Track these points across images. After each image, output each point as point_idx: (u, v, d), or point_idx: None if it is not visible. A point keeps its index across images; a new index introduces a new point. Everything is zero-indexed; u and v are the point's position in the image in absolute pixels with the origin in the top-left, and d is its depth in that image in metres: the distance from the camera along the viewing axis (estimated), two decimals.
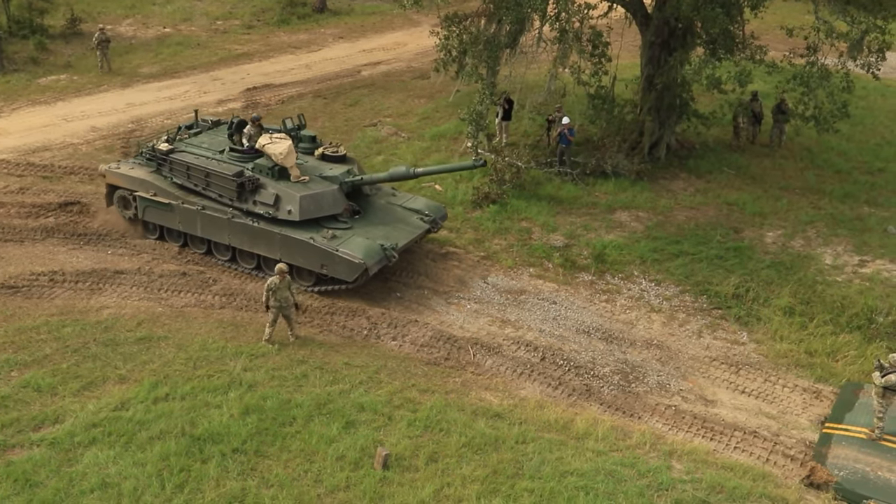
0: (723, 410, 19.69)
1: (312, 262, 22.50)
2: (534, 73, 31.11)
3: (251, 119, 24.66)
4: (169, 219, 24.29)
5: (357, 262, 21.79)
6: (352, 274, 22.01)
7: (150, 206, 24.34)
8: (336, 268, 22.17)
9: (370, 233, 22.92)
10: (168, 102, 35.57)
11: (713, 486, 16.55)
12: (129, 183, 24.82)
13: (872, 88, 36.77)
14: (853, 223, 27.64)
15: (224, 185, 23.18)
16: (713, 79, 27.23)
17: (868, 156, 32.21)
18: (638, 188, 29.03)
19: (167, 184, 24.30)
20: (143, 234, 25.17)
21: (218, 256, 24.21)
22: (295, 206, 22.53)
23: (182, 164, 23.93)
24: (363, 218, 23.71)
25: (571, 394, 19.85)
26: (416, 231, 23.83)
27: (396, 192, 25.35)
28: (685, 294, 23.86)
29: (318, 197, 22.84)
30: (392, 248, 22.44)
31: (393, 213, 24.28)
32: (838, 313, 22.81)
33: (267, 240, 22.88)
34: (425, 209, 24.55)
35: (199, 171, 23.62)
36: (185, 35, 45.22)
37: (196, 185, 23.80)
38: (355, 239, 22.45)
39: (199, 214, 23.64)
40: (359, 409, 17.92)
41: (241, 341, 20.33)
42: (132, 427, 16.90)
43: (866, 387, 19.83)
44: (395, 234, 23.22)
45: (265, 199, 22.83)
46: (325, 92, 37.56)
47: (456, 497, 15.73)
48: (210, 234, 23.85)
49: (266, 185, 22.93)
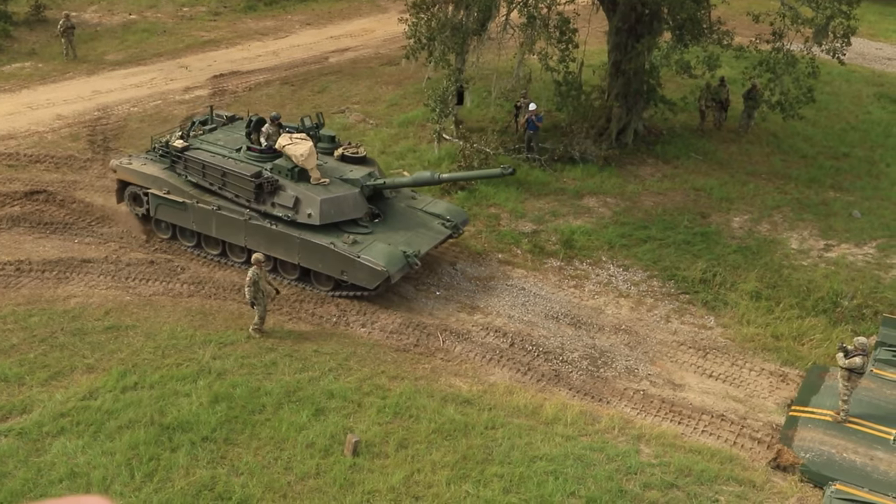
0: (690, 394, 19.86)
1: (332, 267, 21.75)
2: (502, 60, 31.12)
3: (270, 118, 23.67)
4: (182, 218, 23.47)
5: (379, 270, 21.09)
6: (373, 281, 21.33)
7: (163, 204, 23.52)
8: (357, 274, 21.42)
9: (391, 238, 22.17)
10: (134, 90, 35.28)
11: (681, 469, 16.72)
12: (141, 179, 23.97)
13: (837, 74, 37.09)
14: (819, 208, 27.90)
15: (241, 185, 22.33)
16: (683, 63, 27.31)
17: (833, 141, 32.50)
18: (606, 174, 29.13)
19: (181, 182, 23.43)
20: (155, 234, 24.45)
21: (233, 258, 23.39)
22: (315, 210, 21.73)
23: (197, 162, 22.99)
24: (383, 222, 22.94)
25: (540, 379, 19.95)
26: (439, 237, 23.07)
27: (417, 196, 24.47)
28: (653, 279, 24.00)
29: (339, 200, 22.06)
30: (415, 255, 21.74)
31: (414, 217, 23.45)
32: (804, 297, 23.04)
33: (285, 243, 22.10)
34: (447, 214, 23.70)
35: (216, 170, 22.71)
36: (151, 22, 44.83)
37: (212, 184, 22.89)
38: (377, 245, 21.72)
39: (215, 215, 22.81)
40: (328, 396, 17.95)
41: (210, 329, 20.28)
42: (101, 416, 16.85)
43: (832, 370, 20.05)
44: (417, 239, 22.44)
45: (284, 202, 22.01)
46: (292, 79, 37.38)
47: (426, 483, 15.80)
48: (225, 235, 23.03)
49: (285, 186, 22.08)
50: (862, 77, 39.38)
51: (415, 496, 15.53)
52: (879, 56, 43.88)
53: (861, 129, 33.60)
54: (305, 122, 24.44)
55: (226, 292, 22.16)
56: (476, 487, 15.75)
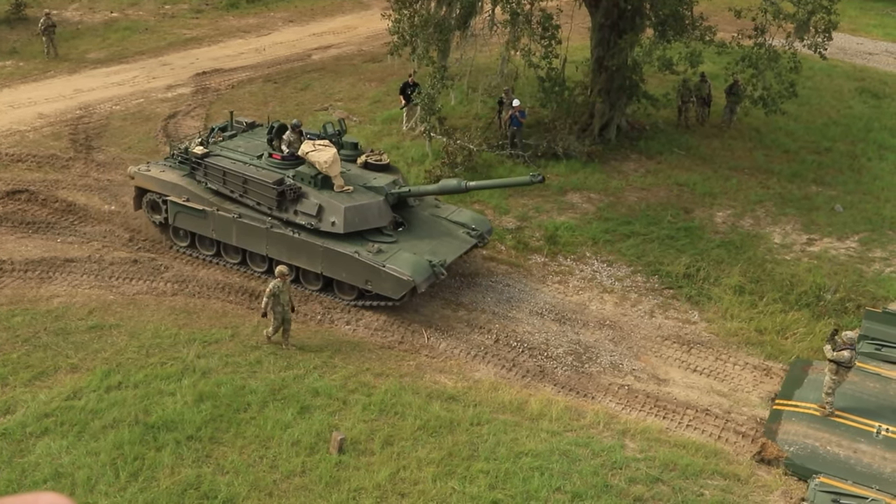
0: (675, 389, 19.92)
1: (356, 277, 21.28)
2: (485, 56, 31.12)
3: (291, 125, 23.04)
4: (202, 226, 23.00)
5: (405, 280, 20.62)
6: (399, 291, 20.87)
7: (182, 211, 23.06)
8: (382, 284, 20.94)
9: (416, 247, 21.73)
10: (116, 88, 35.14)
11: (666, 463, 16.78)
12: (160, 187, 23.49)
13: (819, 69, 37.20)
14: (801, 202, 28.02)
15: (263, 192, 21.88)
16: (665, 59, 27.38)
17: (815, 135, 32.64)
18: (589, 170, 29.20)
19: (201, 189, 22.95)
20: (173, 241, 23.98)
21: (253, 268, 22.98)
22: (339, 218, 21.27)
23: (218, 169, 22.53)
24: (407, 231, 22.49)
25: (525, 375, 19.98)
26: (464, 246, 22.58)
27: (440, 204, 24.06)
28: (637, 274, 24.06)
29: (363, 209, 21.58)
30: (441, 264, 21.27)
31: (438, 226, 23.00)
32: (787, 291, 23.14)
33: (308, 252, 21.67)
34: (471, 222, 23.22)
35: (237, 177, 22.27)
36: (133, 20, 44.66)
37: (232, 191, 22.46)
38: (402, 254, 21.28)
39: (235, 222, 22.35)
40: (313, 393, 17.94)
41: (194, 328, 20.24)
42: (85, 416, 16.79)
43: (815, 363, 20.16)
44: (443, 248, 21.96)
45: (307, 210, 21.55)
46: (275, 76, 37.30)
47: (412, 480, 15.81)
48: (246, 243, 22.57)
49: (308, 194, 21.64)
50: (843, 72, 39.55)
51: (401, 493, 15.53)
52: (860, 51, 44.08)
53: (843, 124, 33.75)
54: (328, 129, 23.92)
55: (210, 291, 22.11)
56: (462, 484, 15.76)
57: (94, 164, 28.29)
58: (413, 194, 22.73)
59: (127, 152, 29.26)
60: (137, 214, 25.21)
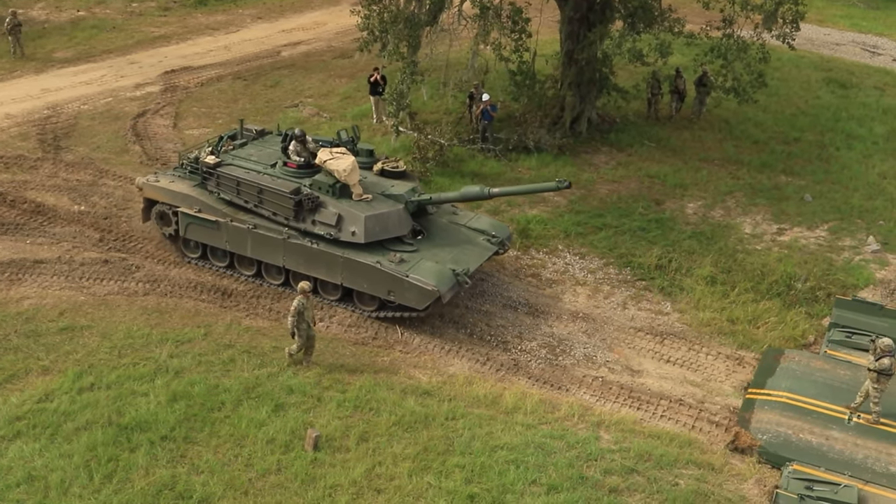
0: (649, 380, 20.00)
1: (378, 287, 20.75)
2: (455, 51, 31.11)
3: (294, 135, 22.28)
4: (215, 237, 22.44)
5: (430, 290, 20.11)
6: (423, 302, 20.36)
7: (194, 223, 22.49)
8: (405, 294, 20.43)
9: (437, 256, 21.20)
10: (84, 87, 34.88)
11: (641, 454, 16.84)
12: (170, 198, 22.91)
13: (787, 59, 37.52)
14: (771, 192, 28.21)
15: (279, 202, 21.35)
16: (635, 51, 27.44)
17: (784, 126, 32.86)
18: (560, 163, 29.27)
19: (213, 199, 22.42)
20: (184, 253, 23.40)
21: (269, 280, 22.47)
22: (360, 228, 20.80)
23: (231, 179, 21.96)
24: (427, 239, 21.96)
25: (500, 369, 20.01)
26: (486, 253, 22.05)
27: (458, 211, 23.44)
28: (609, 266, 24.13)
29: (383, 217, 21.08)
30: (464, 273, 20.75)
31: (457, 233, 22.43)
32: (758, 281, 23.29)
33: (327, 263, 21.14)
34: (491, 229, 22.68)
35: (251, 187, 21.68)
36: (100, 18, 44.35)
37: (247, 201, 21.89)
38: (425, 263, 20.77)
39: (250, 233, 21.81)
40: (288, 391, 17.89)
41: (167, 328, 20.13)
42: (57, 418, 16.67)
43: (787, 352, 20.32)
44: (464, 257, 21.43)
45: (326, 219, 21.07)
46: (244, 73, 37.15)
47: (388, 475, 15.80)
48: (261, 254, 22.02)
49: (326, 203, 21.17)
50: (811, 62, 39.84)
51: (377, 489, 15.52)
52: (828, 41, 44.41)
53: (811, 114, 33.99)
54: (342, 136, 23.42)
55: (182, 290, 22.00)
56: (438, 479, 15.76)
57: (63, 164, 28.06)
58: (434, 202, 22.24)
59: (96, 152, 29.06)
60: (108, 214, 25.07)
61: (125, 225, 24.78)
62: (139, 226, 24.59)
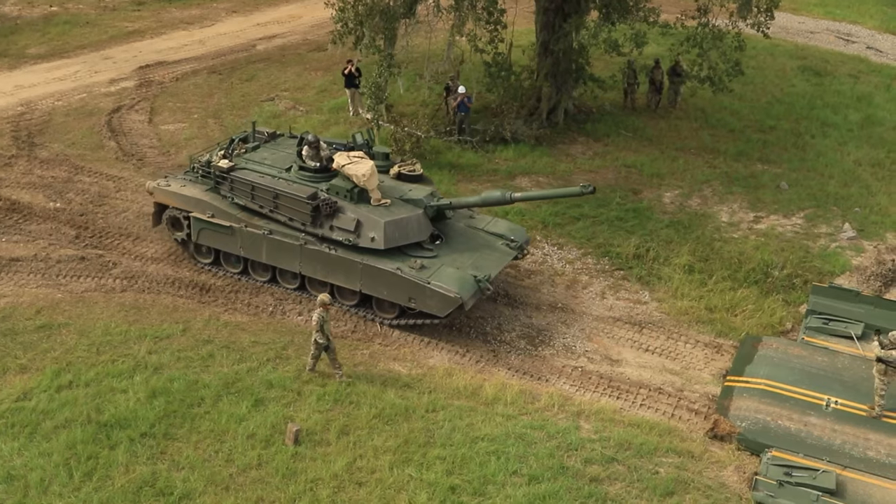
0: (628, 369, 20.08)
1: (399, 294, 20.33)
2: (431, 43, 31.06)
3: (307, 141, 21.82)
4: (228, 243, 22.02)
5: (453, 297, 19.63)
6: (445, 309, 19.89)
7: (207, 228, 22.07)
8: (427, 302, 20.00)
9: (457, 261, 20.69)
10: (58, 84, 34.65)
11: (621, 443, 16.93)
12: (182, 202, 22.44)
13: (762, 48, 37.63)
14: (747, 180, 28.34)
15: (296, 207, 20.91)
16: (611, 41, 27.46)
17: (759, 114, 33.01)
18: (537, 153, 29.30)
19: (226, 204, 21.99)
20: (195, 259, 23.00)
21: (284, 284, 22.08)
22: (379, 234, 20.33)
23: (246, 184, 21.50)
24: (446, 244, 21.40)
25: (479, 360, 20.04)
26: (506, 259, 21.54)
27: (475, 215, 22.86)
28: (587, 256, 24.19)
29: (403, 223, 20.63)
30: (486, 279, 20.26)
31: (476, 238, 21.85)
32: (736, 269, 23.41)
33: (346, 269, 20.74)
34: (509, 233, 22.11)
35: (267, 192, 21.25)
36: (73, 13, 44.03)
37: (262, 206, 21.47)
38: (446, 270, 20.29)
39: (266, 239, 21.40)
40: (267, 386, 17.88)
41: (145, 324, 20.06)
42: (36, 417, 16.62)
43: (765, 339, 20.43)
44: (485, 262, 20.89)
45: (344, 225, 20.59)
46: (220, 67, 36.98)
47: (369, 468, 15.83)
48: (277, 260, 21.62)
49: (344, 208, 20.73)
50: (785, 51, 40.01)
51: (358, 482, 15.54)
52: (802, 29, 44.60)
53: (786, 102, 34.15)
54: (357, 139, 23.07)
55: (159, 286, 21.92)
56: (419, 471, 15.80)
57: (38, 161, 27.88)
58: (454, 206, 21.74)
59: (71, 148, 28.89)
60: (84, 211, 24.93)
61: (101, 221, 24.65)
62: (115, 222, 24.51)
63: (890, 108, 33.98)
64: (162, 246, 23.62)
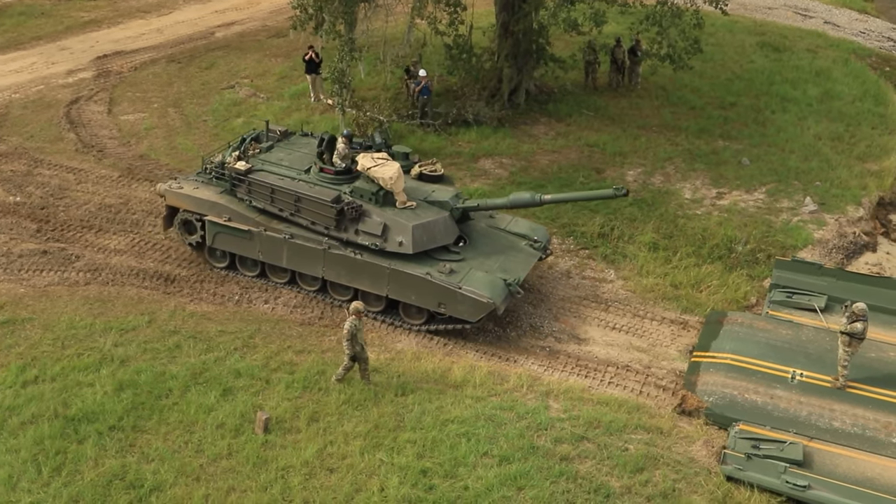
0: (595, 348, 20.19)
1: (428, 300, 19.86)
2: (391, 26, 30.95)
3: (343, 135, 21.20)
4: (246, 247, 21.42)
5: (485, 302, 19.22)
6: (476, 314, 19.45)
7: (223, 232, 21.46)
8: (458, 307, 19.53)
9: (485, 264, 20.24)
10: (14, 76, 34.23)
11: (590, 421, 17.02)
12: (196, 206, 21.76)
13: (721, 25, 37.81)
14: (709, 157, 28.50)
15: (319, 211, 20.30)
16: (570, 20, 27.43)
17: (720, 91, 33.17)
18: (500, 135, 29.32)
19: (244, 207, 21.39)
20: (210, 263, 22.44)
21: (304, 287, 21.52)
22: (407, 238, 19.80)
23: (265, 186, 20.88)
24: (470, 246, 20.89)
25: (447, 343, 20.07)
26: (532, 260, 21.03)
27: (494, 215, 22.30)
28: (552, 236, 24.23)
29: (430, 226, 20.12)
30: (516, 282, 19.86)
31: (499, 239, 21.39)
32: (700, 245, 23.57)
33: (372, 274, 20.19)
34: (531, 233, 21.69)
35: (288, 195, 20.65)
36: (28, 4, 43.46)
37: (282, 210, 20.90)
38: (475, 273, 19.82)
39: (286, 244, 20.82)
40: (235, 375, 17.81)
41: (110, 317, 19.91)
42: (1, 414, 16.49)
43: (730, 314, 20.60)
44: (512, 265, 20.46)
45: (371, 229, 20.05)
46: (178, 56, 36.67)
47: (339, 454, 15.82)
48: (298, 265, 21.05)
49: (370, 212, 20.17)
50: (744, 27, 40.19)
51: (329, 468, 15.53)
52: (760, 6, 44.84)
53: (746, 79, 34.33)
54: (375, 139, 22.51)
55: (123, 278, 21.76)
56: (390, 455, 15.81)
57: None
58: (482, 208, 21.20)
59: (29, 141, 28.58)
60: (45, 204, 24.68)
61: (63, 214, 24.42)
62: (77, 214, 24.27)
63: (848, 83, 34.25)
64: (125, 238, 23.45)
